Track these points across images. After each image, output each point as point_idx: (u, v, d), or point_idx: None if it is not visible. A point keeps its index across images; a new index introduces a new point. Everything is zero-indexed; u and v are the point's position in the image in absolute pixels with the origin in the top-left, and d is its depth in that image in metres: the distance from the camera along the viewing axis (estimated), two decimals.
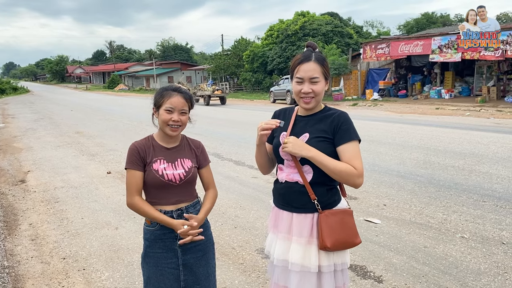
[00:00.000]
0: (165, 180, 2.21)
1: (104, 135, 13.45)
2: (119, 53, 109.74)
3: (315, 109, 2.16)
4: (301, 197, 2.11)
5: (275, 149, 2.22)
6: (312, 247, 2.09)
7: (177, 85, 2.29)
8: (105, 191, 6.71)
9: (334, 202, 2.15)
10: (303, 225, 2.11)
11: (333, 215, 2.09)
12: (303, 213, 2.12)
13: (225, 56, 48.33)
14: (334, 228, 2.05)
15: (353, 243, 2.11)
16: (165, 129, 2.24)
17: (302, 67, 2.09)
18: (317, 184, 2.09)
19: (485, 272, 3.61)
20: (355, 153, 2.05)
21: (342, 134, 2.07)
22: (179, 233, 2.18)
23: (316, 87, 2.07)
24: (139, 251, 4.36)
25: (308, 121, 2.17)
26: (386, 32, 64.09)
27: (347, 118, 2.11)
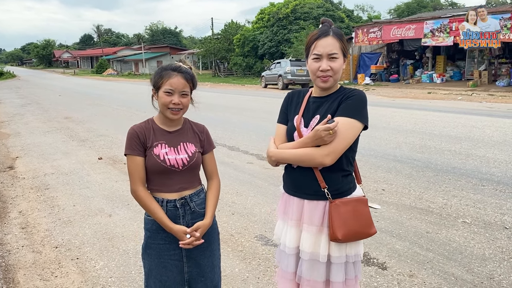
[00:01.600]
0: (167, 165, 2.06)
1: (93, 120, 13.18)
2: (107, 37, 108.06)
3: (331, 90, 2.02)
4: (313, 184, 1.98)
5: (290, 132, 2.08)
6: (322, 236, 1.98)
7: (177, 64, 2.12)
8: (97, 177, 6.53)
9: (349, 190, 2.02)
10: (314, 213, 1.99)
11: (345, 204, 1.95)
12: (314, 200, 1.99)
13: (215, 40, 47.74)
14: (345, 219, 1.93)
15: (367, 233, 2.00)
16: (166, 112, 2.08)
17: (319, 42, 1.94)
18: (330, 171, 1.95)
19: (490, 258, 3.54)
20: (343, 131, 1.86)
21: (343, 107, 1.92)
22: (180, 245, 2.05)
23: (335, 64, 1.93)
24: (134, 239, 4.25)
25: (321, 103, 2.02)
26: (377, 16, 63.82)
27: (358, 96, 1.95)
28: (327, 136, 1.84)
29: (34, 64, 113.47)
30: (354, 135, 1.92)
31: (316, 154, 1.90)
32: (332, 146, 1.87)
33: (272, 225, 4.40)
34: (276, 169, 6.73)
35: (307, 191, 2.01)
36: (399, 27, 24.69)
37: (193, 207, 2.13)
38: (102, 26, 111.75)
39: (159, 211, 2.05)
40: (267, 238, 4.07)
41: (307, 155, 1.92)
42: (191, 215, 2.13)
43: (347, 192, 2.01)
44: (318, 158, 1.89)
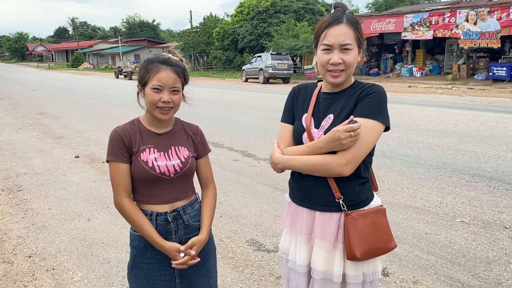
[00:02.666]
0: (157, 173, 1.78)
1: (69, 116, 12.67)
2: (83, 31, 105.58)
3: (343, 85, 1.75)
4: (326, 193, 1.72)
5: (297, 134, 1.81)
6: (336, 252, 1.73)
7: (166, 56, 1.83)
8: (74, 178, 6.16)
9: (367, 200, 1.77)
10: (327, 227, 1.73)
11: (363, 217, 1.70)
12: (328, 212, 1.74)
13: (194, 33, 47.05)
14: (364, 234, 1.68)
15: (387, 248, 1.75)
16: (154, 112, 1.80)
17: (330, 31, 1.66)
18: (346, 178, 1.68)
19: (495, 261, 3.38)
20: (364, 135, 1.60)
21: (362, 106, 1.66)
22: (173, 265, 1.79)
23: (348, 57, 1.66)
24: (116, 246, 3.94)
25: (334, 99, 1.76)
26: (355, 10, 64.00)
27: (378, 93, 1.68)
28: (348, 140, 1.58)
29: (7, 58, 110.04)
30: (376, 138, 1.66)
31: (333, 163, 1.63)
32: (351, 153, 1.61)
33: (264, 228, 4.16)
34: (263, 167, 6.52)
35: (319, 201, 1.75)
36: (379, 20, 24.71)
37: (186, 220, 1.86)
38: (77, 19, 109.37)
39: (147, 226, 1.77)
40: (259, 243, 3.82)
41: (322, 164, 1.66)
42: (184, 230, 1.86)
43: (365, 202, 1.76)
44: (336, 168, 1.64)
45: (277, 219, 4.37)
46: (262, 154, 7.18)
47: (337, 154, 1.63)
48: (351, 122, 1.59)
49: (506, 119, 9.98)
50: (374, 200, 1.80)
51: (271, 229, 4.13)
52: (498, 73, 19.49)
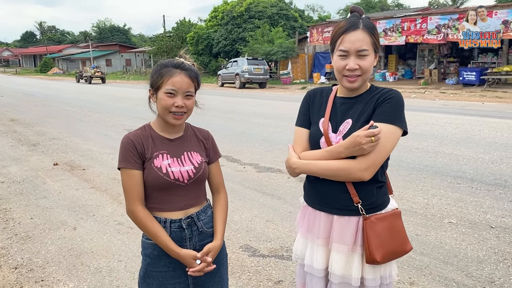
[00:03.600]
0: (171, 179, 1.75)
1: (43, 123, 12.32)
2: (51, 35, 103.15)
3: (360, 90, 1.77)
4: (344, 197, 1.73)
5: (314, 138, 1.82)
6: (355, 256, 1.73)
7: (180, 60, 1.81)
8: (55, 186, 5.99)
9: (384, 203, 1.78)
10: (346, 231, 1.74)
11: (381, 220, 1.71)
12: (346, 215, 1.74)
13: (167, 38, 46.67)
14: (383, 237, 1.69)
15: (403, 251, 1.77)
16: (167, 117, 1.76)
17: (347, 37, 1.67)
18: (364, 182, 1.69)
19: (486, 260, 3.47)
20: (383, 140, 1.61)
21: (381, 111, 1.67)
22: (189, 273, 1.76)
23: (365, 63, 1.67)
24: (106, 255, 3.84)
25: (351, 104, 1.77)
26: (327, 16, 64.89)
27: (396, 98, 1.70)
28: (369, 145, 1.59)
29: None
30: (395, 143, 1.68)
31: (353, 169, 1.64)
32: (371, 158, 1.63)
33: (256, 233, 4.14)
34: (249, 172, 6.50)
35: (336, 205, 1.75)
36: None
37: (200, 226, 1.83)
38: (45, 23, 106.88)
39: (162, 233, 1.74)
40: (253, 248, 3.80)
41: (342, 169, 1.67)
42: (198, 236, 1.83)
43: (382, 206, 1.77)
44: (356, 173, 1.64)
45: (268, 224, 4.36)
46: (247, 159, 7.17)
47: (357, 159, 1.64)
48: (372, 127, 1.60)
49: (480, 122, 10.29)
50: (390, 203, 1.82)
51: (264, 233, 4.12)
52: (468, 77, 20.12)
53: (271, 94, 22.62)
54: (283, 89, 25.96)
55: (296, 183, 5.75)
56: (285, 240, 3.96)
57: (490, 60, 21.50)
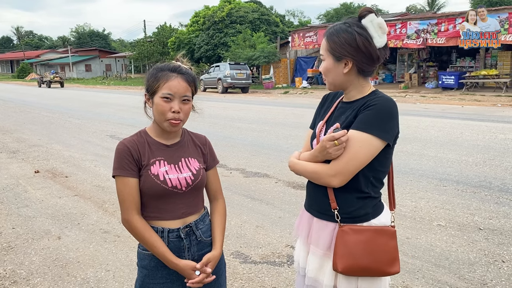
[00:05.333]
0: (169, 187, 1.69)
1: (23, 129, 12.03)
2: (29, 40, 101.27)
3: (359, 94, 1.72)
4: (324, 201, 1.71)
5: (311, 140, 1.85)
6: (329, 263, 1.69)
7: (176, 64, 1.76)
8: (37, 194, 5.82)
9: (366, 216, 1.68)
10: (321, 235, 1.73)
11: (356, 232, 1.64)
12: (324, 220, 1.73)
13: (148, 43, 46.34)
14: (352, 250, 1.62)
15: (383, 271, 1.65)
16: (163, 123, 1.70)
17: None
18: (344, 189, 1.65)
19: (477, 262, 3.49)
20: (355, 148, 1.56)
21: (359, 119, 1.62)
22: (189, 284, 1.70)
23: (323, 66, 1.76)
24: (93, 265, 3.73)
25: (346, 109, 1.74)
26: (307, 21, 65.52)
27: (380, 105, 1.61)
28: (332, 149, 1.57)
29: None
30: (369, 153, 1.58)
31: (322, 173, 1.65)
32: (339, 165, 1.60)
33: (247, 239, 4.09)
34: (236, 177, 6.43)
35: (317, 208, 1.76)
36: None
37: (199, 235, 1.78)
38: (22, 28, 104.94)
39: (160, 244, 1.68)
40: (244, 255, 3.75)
41: (313, 172, 1.69)
42: (197, 246, 1.78)
43: (362, 218, 1.68)
44: (324, 177, 1.65)
45: (259, 230, 4.32)
46: (233, 164, 7.11)
47: (328, 165, 1.64)
48: (335, 131, 1.60)
49: (461, 125, 10.46)
50: (378, 219, 1.70)
51: (255, 240, 4.07)
52: (447, 81, 20.49)
53: (254, 98, 22.62)
54: (266, 93, 25.99)
55: (284, 187, 5.72)
56: (276, 246, 3.92)
57: (468, 64, 21.96)
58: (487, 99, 16.93)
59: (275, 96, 23.79)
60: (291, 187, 5.72)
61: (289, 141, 9.13)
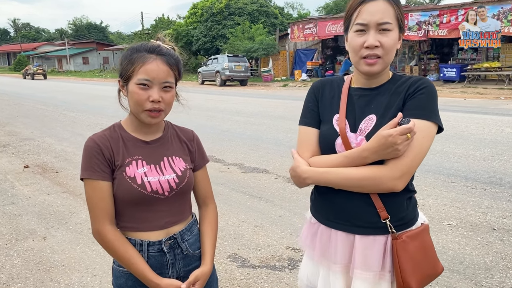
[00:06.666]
0: (148, 192, 1.41)
1: (15, 122, 11.72)
2: (25, 32, 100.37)
3: (382, 78, 1.44)
4: (368, 212, 1.41)
5: (328, 139, 1.48)
6: (382, 284, 1.41)
7: (156, 43, 1.46)
8: (24, 190, 5.54)
9: (415, 218, 1.48)
10: (371, 254, 1.41)
11: (413, 239, 1.40)
12: (371, 235, 1.41)
13: (146, 35, 45.82)
14: (417, 259, 1.38)
15: (436, 274, 1.46)
16: (140, 114, 1.41)
17: (365, 7, 1.36)
18: (393, 193, 1.37)
19: (493, 267, 3.22)
20: (420, 139, 1.31)
21: (414, 104, 1.36)
22: None
23: (387, 39, 1.35)
24: (79, 269, 3.45)
25: (372, 96, 1.44)
26: (306, 13, 64.87)
27: (430, 88, 1.39)
28: (404, 144, 1.28)
29: None
30: (430, 143, 1.35)
31: (384, 177, 1.32)
32: (406, 164, 1.31)
33: (245, 240, 3.82)
34: (234, 172, 6.16)
35: (359, 222, 1.42)
36: (334, 23, 24.95)
37: (185, 248, 1.50)
38: (19, 20, 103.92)
39: (137, 260, 1.39)
40: (242, 258, 3.47)
41: (370, 178, 1.34)
42: (183, 261, 1.50)
43: (413, 221, 1.46)
44: (388, 182, 1.33)
45: (257, 230, 4.04)
46: (231, 159, 6.82)
47: (388, 165, 1.33)
48: (403, 122, 1.28)
49: (465, 118, 10.18)
50: (420, 217, 1.51)
51: (253, 241, 3.80)
52: (448, 74, 20.15)
53: (252, 91, 22.28)
54: (265, 86, 25.63)
55: (284, 183, 5.44)
56: (276, 248, 3.64)
57: (470, 56, 21.60)
58: (489, 92, 16.62)
59: (274, 89, 23.44)
60: (291, 183, 5.43)
61: (289, 135, 8.84)
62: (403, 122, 1.28)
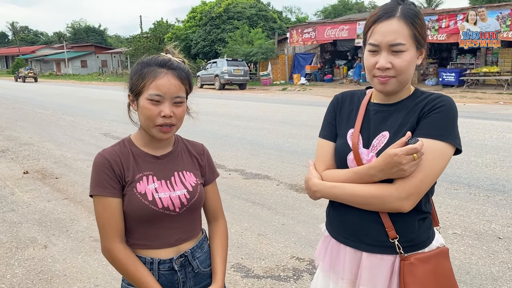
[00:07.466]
0: (159, 208, 1.38)
1: (14, 127, 11.67)
2: (24, 35, 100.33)
3: (400, 95, 1.42)
4: (377, 230, 1.38)
5: (341, 154, 1.46)
6: None
7: (166, 57, 1.43)
8: (24, 197, 5.49)
9: (428, 240, 1.43)
10: (377, 272, 1.39)
11: (423, 262, 1.36)
12: (378, 253, 1.39)
13: (144, 38, 45.79)
14: (425, 285, 1.34)
15: None
16: (151, 130, 1.39)
17: (378, 27, 1.34)
18: (403, 213, 1.35)
19: (500, 277, 3.19)
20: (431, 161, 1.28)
21: (428, 123, 1.32)
22: None
23: (399, 61, 1.32)
24: (81, 279, 3.41)
25: (389, 113, 1.42)
26: (305, 17, 65.09)
27: (448, 106, 1.35)
28: (410, 165, 1.25)
29: None
30: (444, 165, 1.32)
31: (390, 197, 1.30)
32: (414, 185, 1.28)
33: (248, 249, 3.78)
34: (235, 179, 6.12)
35: (367, 239, 1.40)
36: (333, 27, 25.01)
37: (196, 266, 1.47)
38: (17, 23, 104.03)
39: (148, 279, 1.36)
40: (246, 268, 3.44)
41: (375, 197, 1.32)
42: (194, 279, 1.47)
43: (425, 243, 1.42)
44: (393, 202, 1.31)
45: (261, 238, 4.01)
46: (232, 165, 6.79)
47: (395, 185, 1.30)
48: (411, 141, 1.26)
49: (465, 123, 10.17)
50: (435, 239, 1.47)
51: (257, 250, 3.76)
52: (447, 78, 20.20)
53: (251, 95, 22.27)
54: (264, 90, 25.64)
55: (287, 190, 5.41)
56: (281, 257, 3.60)
57: (469, 61, 21.65)
58: (488, 97, 16.65)
59: (273, 93, 23.45)
60: (294, 190, 5.41)
61: (290, 140, 8.82)
62: (410, 142, 1.25)
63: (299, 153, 7.50)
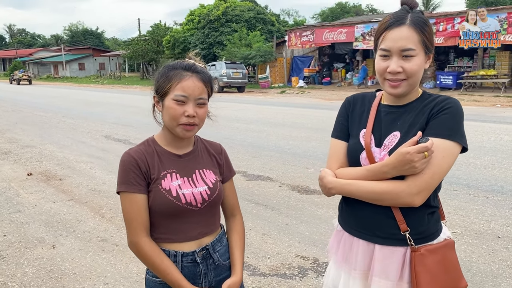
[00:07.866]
0: (182, 203, 1.46)
1: (15, 129, 11.72)
2: (21, 38, 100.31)
3: (410, 97, 1.51)
4: (388, 224, 1.47)
5: (354, 153, 1.56)
6: None
7: (191, 62, 1.53)
8: (29, 198, 5.56)
9: (436, 232, 1.52)
10: (390, 263, 1.47)
11: (433, 253, 1.45)
12: (390, 245, 1.48)
13: (142, 41, 45.92)
14: (434, 273, 1.43)
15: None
16: (175, 128, 1.48)
17: (389, 34, 1.43)
18: (414, 208, 1.44)
19: (500, 274, 3.28)
20: (439, 159, 1.37)
21: (437, 123, 1.41)
22: None
23: (410, 65, 1.41)
24: (90, 277, 3.48)
25: (399, 114, 1.51)
26: (302, 20, 65.41)
27: (455, 107, 1.44)
28: (421, 162, 1.34)
29: None
30: (451, 163, 1.41)
31: (402, 192, 1.39)
32: (424, 181, 1.37)
33: (254, 249, 3.86)
34: (237, 180, 6.11)
35: (379, 233, 1.49)
36: (331, 30, 25.18)
37: (217, 259, 1.55)
38: (15, 26, 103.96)
39: (173, 270, 1.44)
40: (252, 267, 3.52)
41: (388, 192, 1.42)
42: (214, 271, 1.55)
43: (434, 235, 1.51)
44: (405, 197, 1.39)
45: (265, 238, 4.09)
46: (234, 166, 6.70)
47: (407, 181, 1.39)
48: (422, 140, 1.35)
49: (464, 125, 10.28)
50: (443, 232, 1.56)
51: (262, 249, 3.84)
52: (445, 81, 20.36)
53: (250, 98, 22.39)
54: (262, 93, 25.77)
55: (289, 191, 5.49)
56: (286, 256, 3.69)
57: (466, 64, 21.83)
58: (486, 100, 16.80)
59: (272, 96, 23.56)
60: (296, 191, 5.49)
61: (290, 142, 8.91)
62: (421, 141, 1.34)
63: (300, 155, 7.59)
